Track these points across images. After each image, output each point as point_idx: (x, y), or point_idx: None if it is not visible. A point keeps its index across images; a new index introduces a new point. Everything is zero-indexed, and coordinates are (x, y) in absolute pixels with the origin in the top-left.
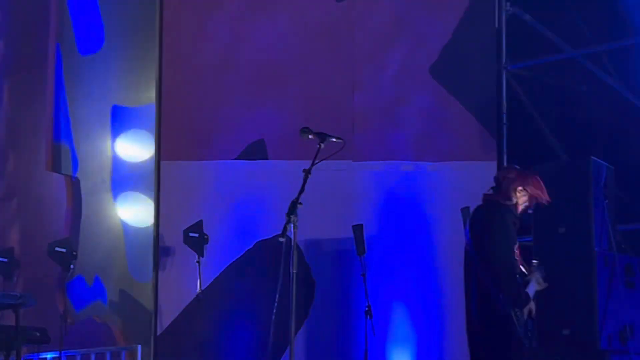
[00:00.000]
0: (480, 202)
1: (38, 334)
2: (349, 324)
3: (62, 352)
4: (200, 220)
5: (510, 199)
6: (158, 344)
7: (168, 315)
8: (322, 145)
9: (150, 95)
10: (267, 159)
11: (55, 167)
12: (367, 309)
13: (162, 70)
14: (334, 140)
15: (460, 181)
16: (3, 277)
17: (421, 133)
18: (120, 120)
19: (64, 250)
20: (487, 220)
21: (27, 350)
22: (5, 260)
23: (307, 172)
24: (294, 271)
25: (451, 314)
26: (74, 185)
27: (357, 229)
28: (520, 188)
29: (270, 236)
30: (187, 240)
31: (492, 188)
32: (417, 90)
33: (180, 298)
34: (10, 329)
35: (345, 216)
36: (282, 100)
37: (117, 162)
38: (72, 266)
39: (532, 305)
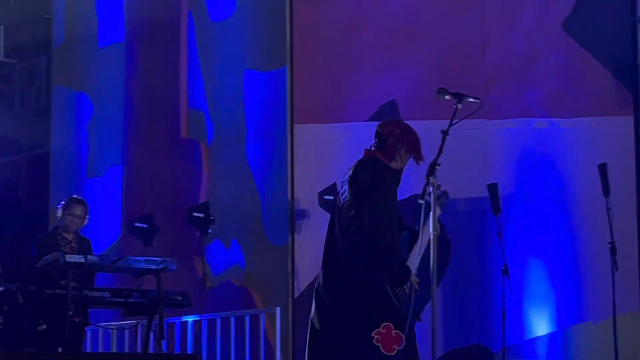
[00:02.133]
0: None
1: (179, 298)
2: (486, 283)
3: (203, 315)
4: (335, 183)
5: (394, 159)
6: (296, 306)
7: (305, 278)
8: (459, 106)
9: (282, 59)
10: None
11: (191, 133)
12: (503, 268)
13: (294, 34)
14: (471, 100)
15: (595, 137)
16: (143, 242)
17: (555, 89)
18: (252, 85)
19: (201, 215)
20: (371, 185)
21: (169, 314)
22: (145, 226)
23: (445, 133)
24: (434, 232)
25: (589, 272)
26: (210, 150)
27: (492, 187)
28: (405, 148)
29: (405, 197)
30: (322, 202)
31: (374, 144)
32: (550, 46)
33: (317, 260)
34: (153, 293)
35: (480, 175)
36: (414, 60)
37: (250, 127)
38: (209, 230)
39: (414, 278)
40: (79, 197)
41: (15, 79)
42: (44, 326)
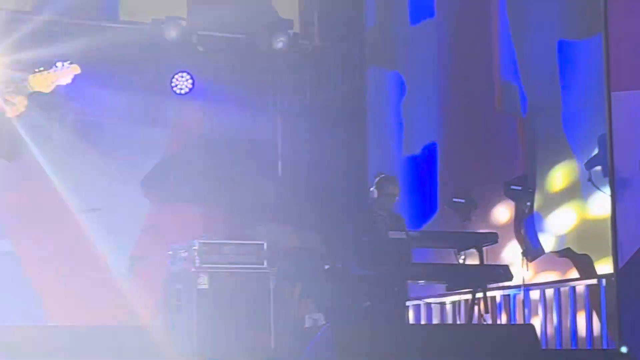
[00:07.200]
0: None
1: (501, 272)
2: None
3: (525, 288)
4: None
5: None
6: (620, 277)
7: (627, 249)
8: None
9: (597, 26)
10: None
11: (505, 106)
12: None
13: None
14: None
15: None
16: (461, 217)
17: None
18: (566, 55)
19: (519, 188)
20: None
21: (491, 287)
22: (463, 201)
23: None
24: None
25: None
26: (525, 122)
27: None
28: None
29: None
30: None
31: None
32: None
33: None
34: (475, 267)
35: None
36: None
37: (566, 97)
38: (528, 203)
39: None
40: (390, 176)
41: (328, 63)
42: (368, 303)
